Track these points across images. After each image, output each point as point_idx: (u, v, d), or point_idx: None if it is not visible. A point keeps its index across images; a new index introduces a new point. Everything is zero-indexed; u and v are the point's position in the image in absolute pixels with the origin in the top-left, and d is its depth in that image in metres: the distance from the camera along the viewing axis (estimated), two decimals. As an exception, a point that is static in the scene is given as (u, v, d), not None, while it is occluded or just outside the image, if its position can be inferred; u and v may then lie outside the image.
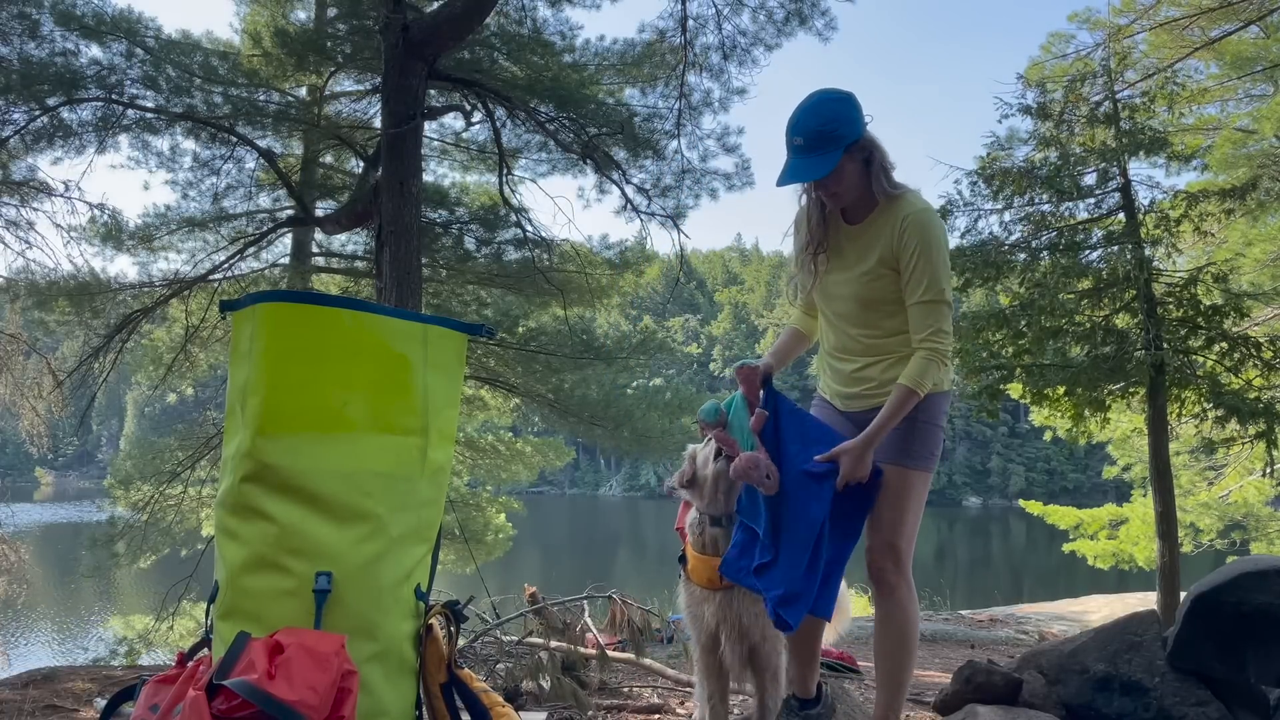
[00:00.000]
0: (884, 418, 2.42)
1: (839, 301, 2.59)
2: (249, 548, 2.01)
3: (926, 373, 2.41)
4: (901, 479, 2.52)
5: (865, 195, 2.50)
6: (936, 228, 2.43)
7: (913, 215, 2.42)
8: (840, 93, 2.47)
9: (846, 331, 2.60)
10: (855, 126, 2.42)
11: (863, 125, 2.44)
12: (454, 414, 2.32)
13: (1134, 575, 14.12)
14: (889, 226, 2.46)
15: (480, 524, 12.10)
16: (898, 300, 2.48)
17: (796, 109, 2.47)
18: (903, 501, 2.53)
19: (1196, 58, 12.04)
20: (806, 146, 2.40)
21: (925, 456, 2.55)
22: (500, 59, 8.49)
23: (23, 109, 7.71)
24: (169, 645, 9.63)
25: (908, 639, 2.57)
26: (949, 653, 7.71)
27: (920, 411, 2.50)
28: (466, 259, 10.07)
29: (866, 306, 2.52)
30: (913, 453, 2.52)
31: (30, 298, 9.44)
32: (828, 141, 2.38)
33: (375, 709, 2.03)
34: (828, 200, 2.54)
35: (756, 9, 8.14)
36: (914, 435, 2.51)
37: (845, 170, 2.44)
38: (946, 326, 2.42)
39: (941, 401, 2.58)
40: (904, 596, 2.55)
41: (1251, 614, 2.39)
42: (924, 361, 2.41)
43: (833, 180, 2.45)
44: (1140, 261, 7.72)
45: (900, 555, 2.52)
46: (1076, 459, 63.29)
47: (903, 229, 2.42)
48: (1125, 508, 13.26)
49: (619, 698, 3.94)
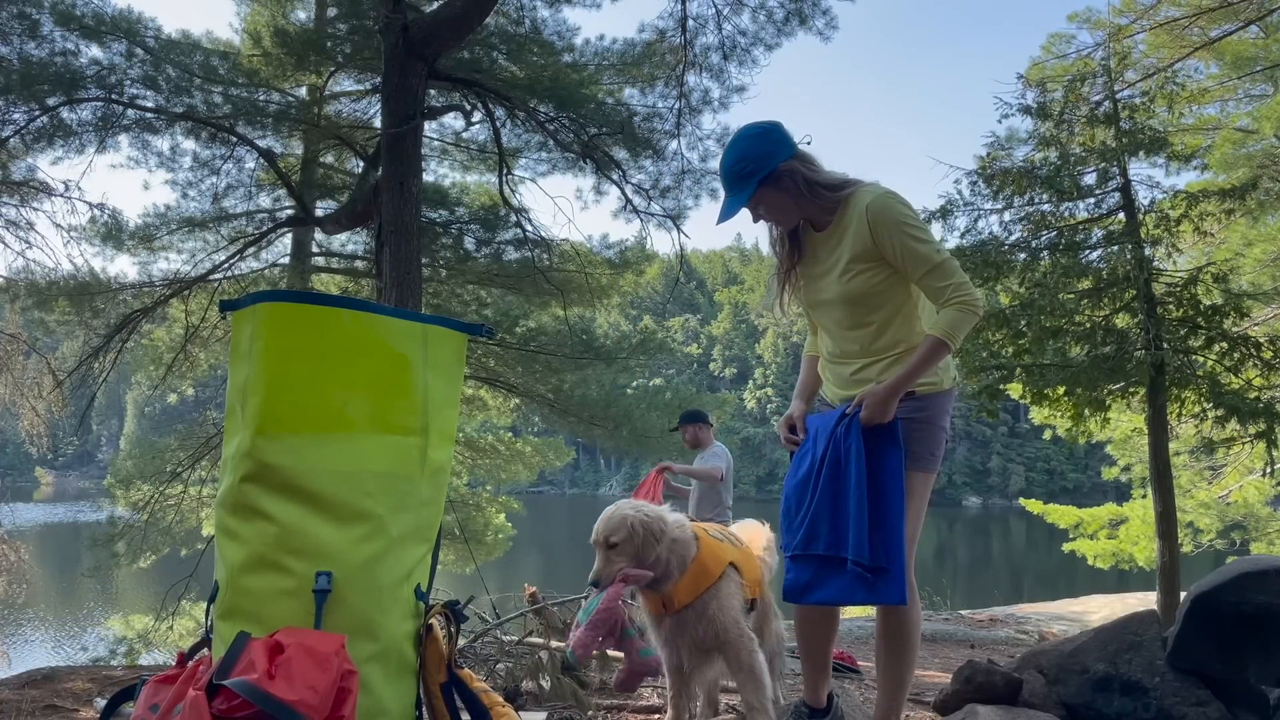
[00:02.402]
0: (912, 366, 2.41)
1: (826, 307, 2.60)
2: (249, 547, 2.01)
3: (958, 324, 2.39)
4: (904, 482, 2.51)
5: (812, 209, 2.54)
6: (896, 204, 2.44)
7: (871, 204, 2.44)
8: (756, 127, 2.53)
9: (841, 335, 2.60)
10: (767, 160, 2.47)
11: (780, 156, 2.48)
12: (454, 414, 2.32)
13: (1134, 575, 14.13)
14: (852, 225, 2.47)
15: (480, 524, 12.11)
16: (881, 292, 2.49)
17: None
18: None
19: (1196, 58, 12.04)
20: (727, 186, 2.53)
21: (926, 457, 2.53)
22: (500, 59, 8.49)
23: (23, 109, 7.72)
24: (169, 645, 9.64)
25: (909, 640, 2.57)
26: (949, 653, 7.71)
27: (922, 411, 2.50)
28: (466, 259, 10.08)
29: (852, 304, 2.52)
30: (913, 454, 2.49)
31: (30, 298, 9.45)
32: (740, 179, 2.48)
33: (375, 709, 2.03)
34: (774, 225, 2.62)
35: (756, 9, 8.14)
36: (914, 436, 2.50)
37: (768, 200, 2.51)
38: (960, 279, 2.41)
39: (944, 400, 2.56)
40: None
41: (1251, 614, 2.39)
42: (955, 312, 2.39)
43: (763, 210, 2.54)
44: (1140, 261, 7.72)
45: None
46: (1076, 459, 63.29)
47: (868, 223, 2.43)
48: (1125, 507, 13.27)
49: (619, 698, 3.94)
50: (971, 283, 2.44)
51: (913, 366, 2.41)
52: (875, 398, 2.42)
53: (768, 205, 2.52)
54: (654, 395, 11.47)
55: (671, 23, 8.37)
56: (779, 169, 2.46)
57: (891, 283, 2.49)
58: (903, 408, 2.49)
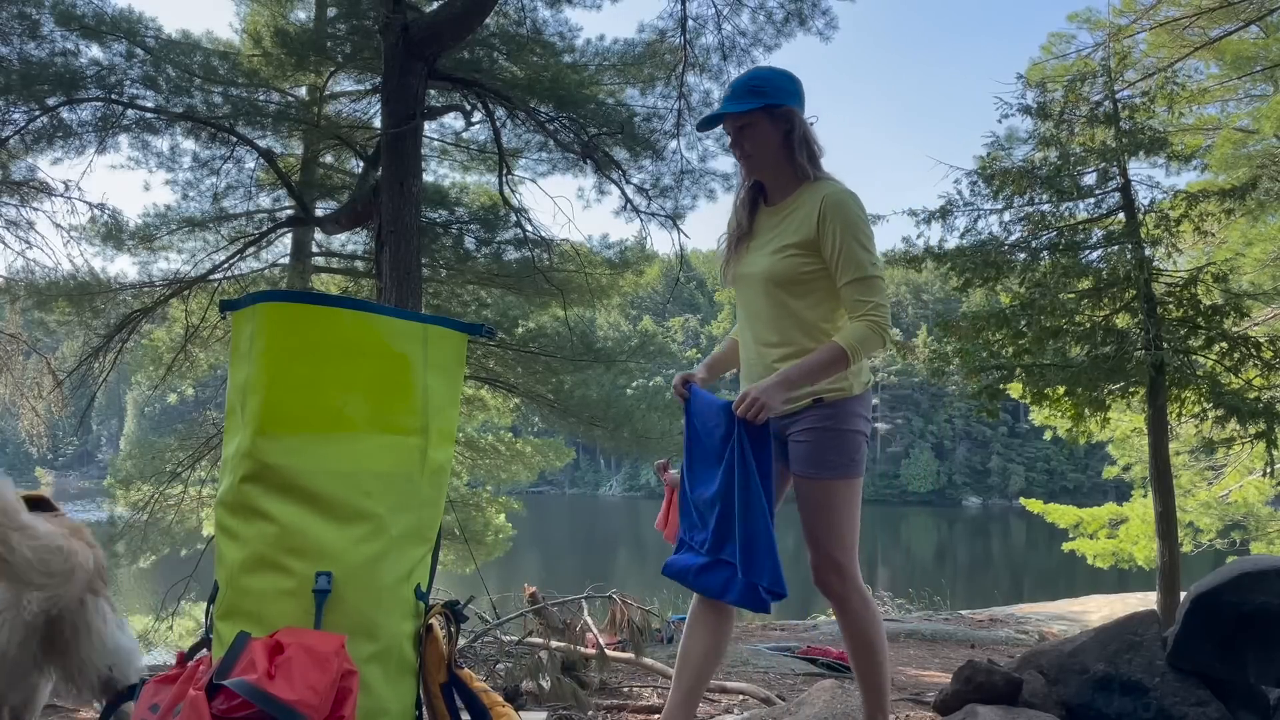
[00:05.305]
0: (805, 367, 2.33)
1: (749, 283, 2.52)
2: (249, 547, 2.01)
3: (865, 340, 2.33)
4: (825, 491, 2.44)
5: (783, 171, 2.49)
6: (855, 206, 2.40)
7: (830, 196, 2.40)
8: (783, 69, 2.53)
9: (759, 322, 2.53)
10: (783, 95, 2.45)
11: (795, 100, 2.47)
12: (454, 414, 2.32)
13: (1134, 575, 14.13)
14: (807, 208, 2.43)
15: (480, 524, 12.11)
16: (806, 283, 2.43)
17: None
18: (831, 514, 2.45)
19: (1196, 58, 12.05)
20: (730, 95, 2.48)
21: (844, 465, 2.45)
22: (500, 59, 8.49)
23: (23, 109, 7.72)
24: (169, 645, 9.63)
25: (873, 643, 2.53)
26: (949, 653, 7.71)
27: (832, 419, 2.43)
28: (466, 259, 10.08)
29: (775, 285, 2.45)
30: (830, 463, 2.43)
31: (30, 298, 9.45)
32: (748, 93, 2.44)
33: (375, 709, 2.03)
34: (742, 163, 2.54)
35: (756, 9, 8.15)
36: (829, 445, 2.43)
37: (761, 128, 2.45)
38: (882, 300, 2.36)
39: (855, 404, 2.47)
40: (857, 605, 2.50)
41: (1251, 614, 2.39)
42: (866, 329, 2.33)
43: (747, 134, 2.47)
44: (1140, 261, 7.72)
45: (842, 566, 2.46)
46: (1076, 459, 63.30)
47: (822, 211, 2.39)
48: (1125, 507, 13.26)
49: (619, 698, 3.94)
50: (890, 312, 2.38)
51: (806, 367, 2.34)
52: (758, 388, 2.32)
53: (754, 132, 2.46)
54: (654, 396, 11.46)
55: (671, 23, 8.39)
56: (787, 107, 2.45)
57: (818, 276, 2.43)
58: (812, 417, 2.43)
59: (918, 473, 71.46)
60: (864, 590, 2.52)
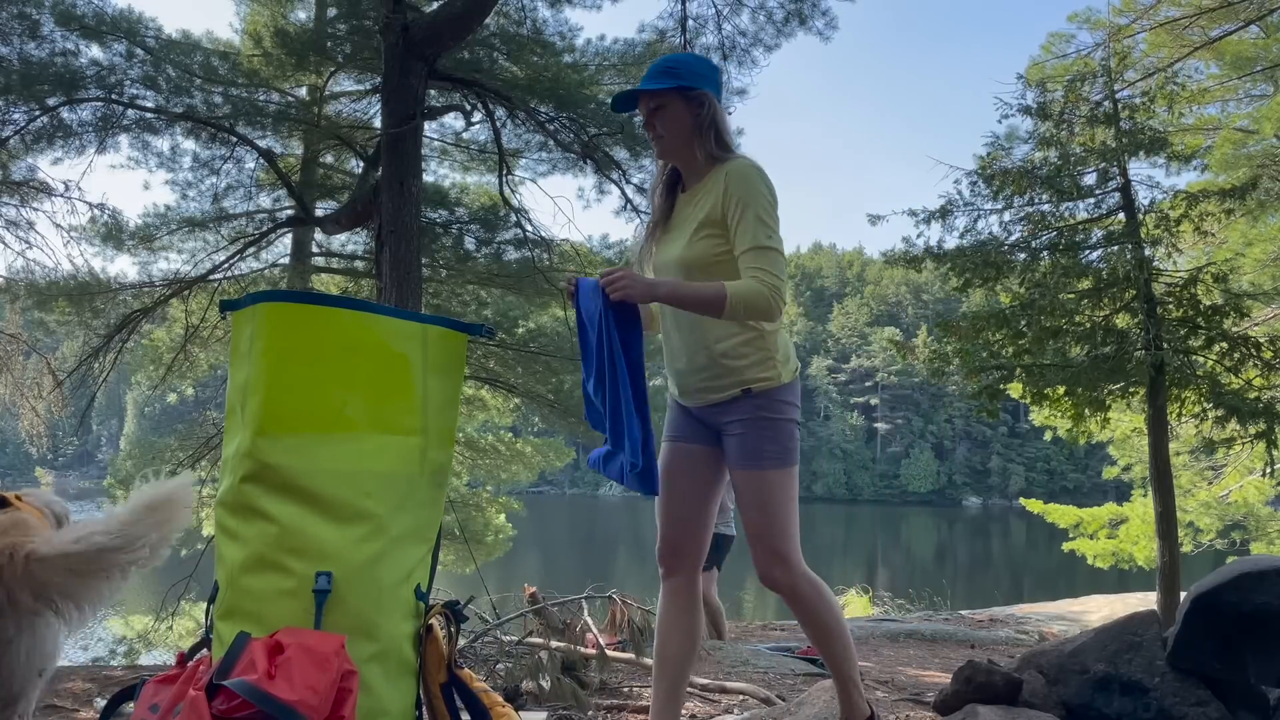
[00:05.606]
0: (685, 290, 2.34)
1: (665, 271, 2.53)
2: (249, 548, 2.01)
3: (751, 295, 2.29)
4: (760, 482, 2.44)
5: (694, 154, 2.50)
6: (758, 178, 2.40)
7: (733, 169, 2.41)
8: (702, 56, 2.61)
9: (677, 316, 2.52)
10: (697, 79, 2.47)
11: (710, 85, 2.50)
12: (454, 414, 2.32)
13: (1134, 575, 14.13)
14: (714, 184, 2.44)
15: (480, 524, 12.12)
16: (721, 264, 2.41)
17: None
18: (769, 505, 2.44)
19: (1196, 58, 12.06)
20: (647, 76, 2.50)
21: (778, 455, 2.44)
22: (500, 59, 8.49)
23: (23, 109, 7.72)
24: (169, 645, 9.63)
25: (830, 628, 2.51)
26: (949, 653, 7.70)
27: (763, 409, 2.44)
28: (466, 259, 10.07)
29: (689, 269, 2.44)
30: (767, 453, 2.43)
31: (30, 298, 9.45)
32: (663, 74, 2.47)
33: (375, 709, 2.03)
34: (655, 144, 2.55)
35: (756, 9, 8.15)
36: (765, 435, 2.43)
37: (674, 109, 2.46)
38: (777, 271, 2.33)
39: (784, 393, 2.47)
40: (806, 592, 2.48)
41: (1251, 614, 2.39)
42: (755, 285, 2.30)
43: (660, 115, 2.48)
44: (1140, 261, 7.72)
45: (784, 556, 2.45)
46: (1076, 459, 63.35)
47: (725, 184, 2.39)
48: (1125, 507, 13.27)
49: (619, 698, 3.94)
50: (784, 289, 2.35)
51: (684, 289, 2.34)
52: (631, 275, 2.33)
53: (668, 113, 2.47)
54: (654, 396, 11.45)
55: (671, 23, 8.39)
56: (701, 91, 2.47)
57: (732, 260, 2.41)
58: (743, 408, 2.44)
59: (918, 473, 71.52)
60: (812, 577, 2.50)
